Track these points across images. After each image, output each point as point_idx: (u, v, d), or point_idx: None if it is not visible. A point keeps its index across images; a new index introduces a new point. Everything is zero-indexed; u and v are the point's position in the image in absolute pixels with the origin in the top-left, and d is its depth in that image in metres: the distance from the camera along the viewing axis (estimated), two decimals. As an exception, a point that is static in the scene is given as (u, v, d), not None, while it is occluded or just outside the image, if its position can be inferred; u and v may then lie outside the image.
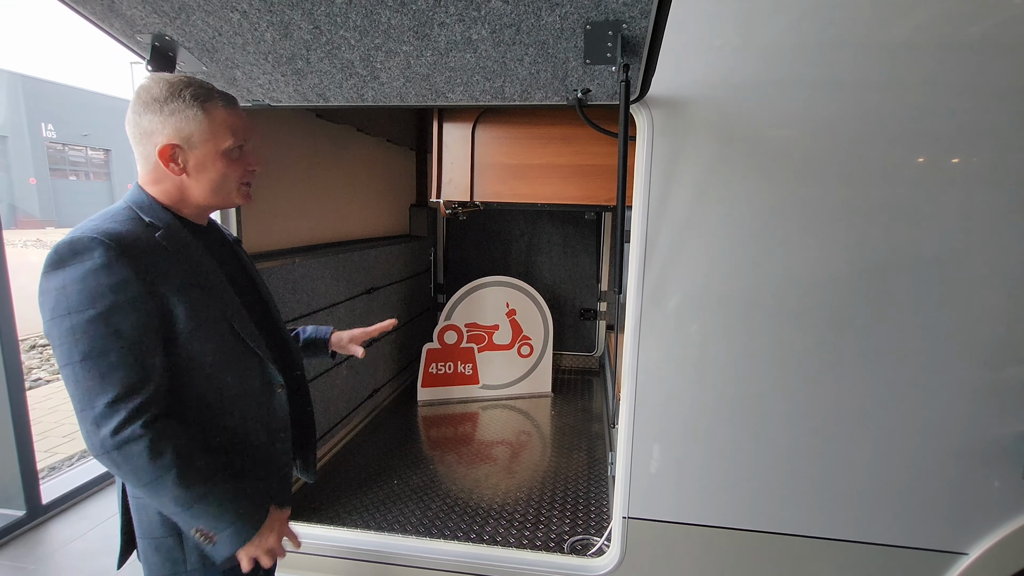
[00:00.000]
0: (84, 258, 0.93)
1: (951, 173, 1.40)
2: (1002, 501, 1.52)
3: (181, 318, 1.02)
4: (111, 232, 0.96)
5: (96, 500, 2.93)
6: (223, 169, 1.09)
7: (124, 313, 0.95)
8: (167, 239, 1.04)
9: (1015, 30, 1.32)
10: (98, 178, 27.43)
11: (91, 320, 0.93)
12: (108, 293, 0.94)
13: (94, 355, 0.93)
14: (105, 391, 0.93)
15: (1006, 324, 1.44)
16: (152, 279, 0.99)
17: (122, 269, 0.95)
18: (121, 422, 0.93)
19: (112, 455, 0.94)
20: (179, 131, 1.04)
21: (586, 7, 1.11)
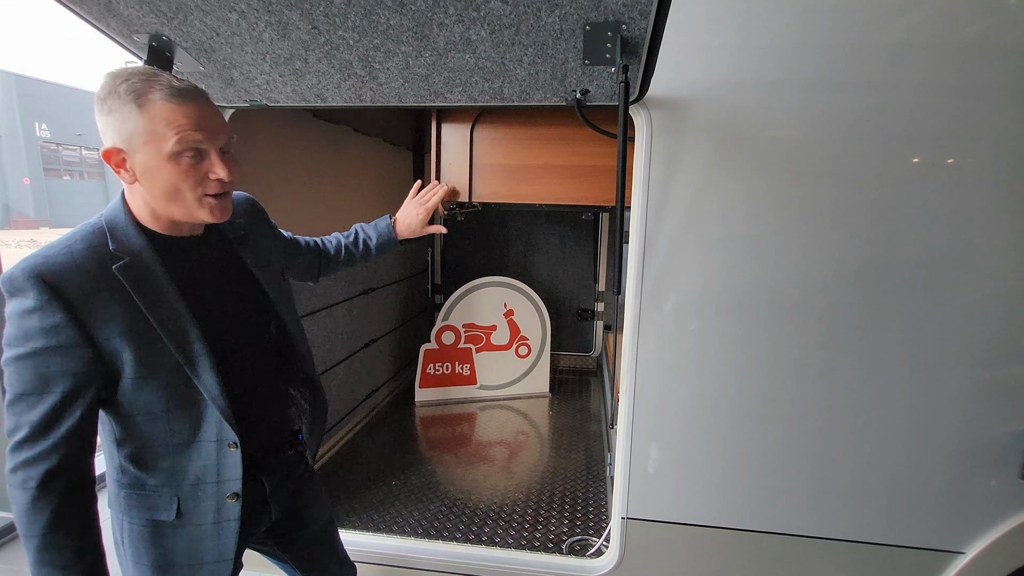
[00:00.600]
0: (21, 297, 0.89)
1: (947, 174, 1.41)
2: (999, 500, 1.53)
3: (127, 364, 0.95)
4: (53, 269, 0.90)
5: (92, 502, 2.91)
6: (171, 176, 0.94)
7: (52, 357, 0.90)
8: (125, 272, 0.95)
9: (1011, 32, 1.33)
10: (93, 178, 27.30)
11: (20, 358, 0.90)
12: (38, 336, 0.89)
13: (17, 393, 0.91)
14: (18, 430, 0.90)
15: (1003, 324, 1.45)
16: (92, 324, 0.91)
17: (55, 313, 0.88)
18: (19, 464, 0.91)
19: (9, 491, 0.92)
20: (119, 132, 0.93)
21: (585, 8, 1.11)
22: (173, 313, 0.99)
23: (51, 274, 0.89)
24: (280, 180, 2.39)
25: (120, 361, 0.95)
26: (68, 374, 0.91)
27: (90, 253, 0.94)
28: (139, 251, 0.97)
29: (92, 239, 0.96)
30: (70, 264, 0.91)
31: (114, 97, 0.91)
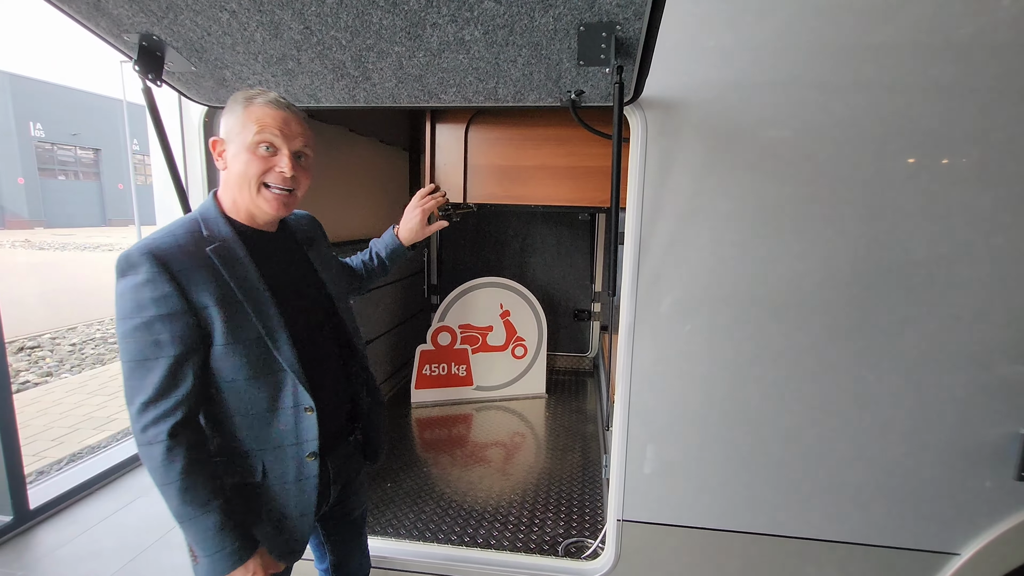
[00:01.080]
0: (133, 272, 1.03)
1: (940, 174, 1.41)
2: (994, 501, 1.53)
3: (218, 332, 1.08)
4: (161, 248, 1.05)
5: (85, 505, 2.89)
6: (246, 163, 1.12)
7: (164, 324, 1.03)
8: (216, 253, 1.11)
9: (1003, 32, 1.33)
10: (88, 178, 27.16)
11: (137, 328, 1.03)
12: (151, 305, 1.03)
13: (136, 359, 1.03)
14: (142, 392, 1.03)
15: (998, 325, 1.45)
16: (193, 295, 1.06)
17: (164, 284, 1.03)
18: (148, 423, 1.03)
19: (141, 449, 1.04)
20: (225, 125, 1.14)
21: (580, 8, 1.10)
22: (255, 290, 1.13)
23: (159, 252, 1.04)
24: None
25: (213, 329, 1.08)
26: (178, 339, 1.04)
27: (189, 238, 1.10)
28: (226, 237, 1.14)
29: (189, 227, 1.12)
30: (174, 245, 1.07)
31: (233, 101, 1.14)
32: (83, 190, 26.96)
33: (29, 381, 5.26)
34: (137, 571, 2.38)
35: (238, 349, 1.11)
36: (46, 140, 24.02)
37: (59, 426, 4.14)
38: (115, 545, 2.55)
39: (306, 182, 1.21)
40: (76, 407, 4.54)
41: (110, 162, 27.25)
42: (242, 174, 1.13)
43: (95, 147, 26.68)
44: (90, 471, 3.12)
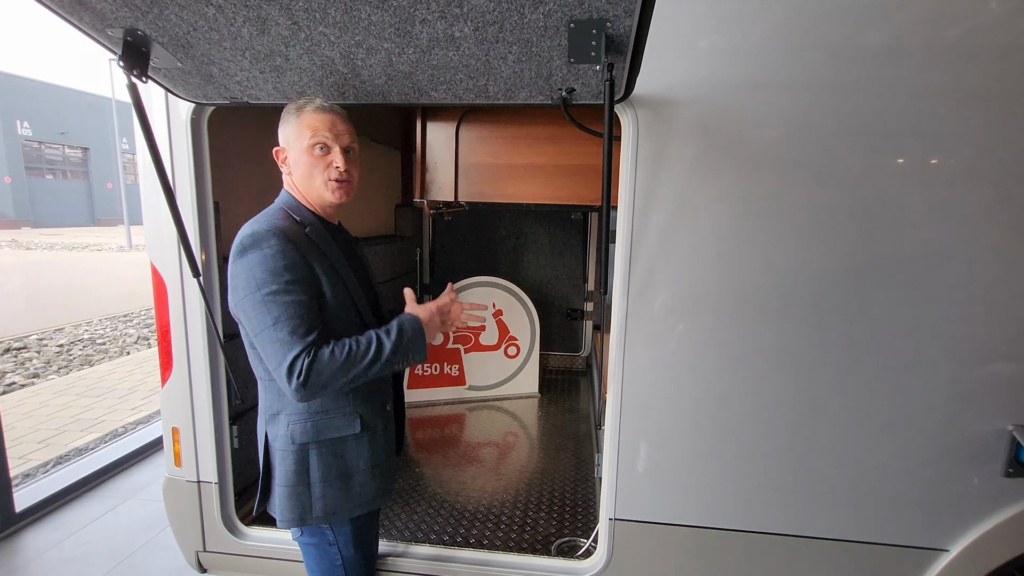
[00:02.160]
0: (264, 246, 1.19)
1: (929, 174, 1.42)
2: (982, 498, 1.54)
3: (328, 294, 1.27)
4: (279, 226, 1.22)
5: (72, 508, 2.86)
6: (307, 164, 1.31)
7: (298, 286, 1.20)
8: (313, 234, 1.30)
9: (991, 35, 1.34)
10: (76, 177, 26.86)
11: (274, 292, 1.17)
12: (284, 272, 1.19)
13: (282, 319, 1.17)
14: (295, 343, 1.16)
15: (984, 323, 1.46)
16: (310, 261, 1.24)
17: (292, 253, 1.20)
18: (308, 361, 1.16)
19: (311, 385, 1.16)
20: (284, 135, 1.34)
21: (570, 5, 1.10)
22: (342, 264, 1.33)
23: (280, 228, 1.22)
24: (264, 179, 2.35)
25: (323, 291, 1.26)
26: (308, 295, 1.21)
27: (289, 222, 1.28)
28: (313, 221, 1.33)
29: (283, 215, 1.29)
30: (286, 225, 1.25)
31: (287, 112, 1.33)
32: (71, 189, 26.65)
33: (15, 383, 5.19)
34: (124, 575, 2.35)
35: (339, 309, 1.28)
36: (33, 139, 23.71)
37: (46, 428, 4.09)
38: (102, 549, 2.51)
39: (356, 171, 1.38)
40: (63, 409, 4.49)
41: (99, 161, 26.96)
42: (306, 174, 1.32)
43: (83, 146, 26.39)
44: (77, 474, 3.08)
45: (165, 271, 1.79)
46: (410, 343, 1.30)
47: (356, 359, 1.21)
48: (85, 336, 6.97)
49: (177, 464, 1.89)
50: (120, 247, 17.94)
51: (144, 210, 1.79)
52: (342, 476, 1.35)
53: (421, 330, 1.33)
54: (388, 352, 1.25)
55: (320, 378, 1.18)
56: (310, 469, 1.33)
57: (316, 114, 1.31)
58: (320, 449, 1.33)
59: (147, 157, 1.52)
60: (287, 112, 1.33)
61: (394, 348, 1.26)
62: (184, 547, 1.95)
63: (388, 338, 1.26)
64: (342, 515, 1.36)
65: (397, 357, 1.27)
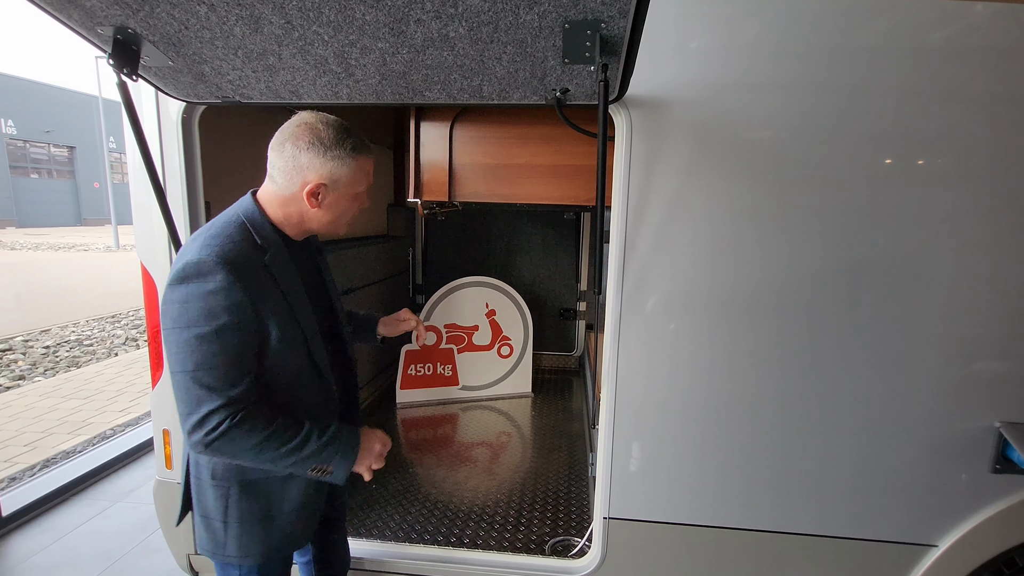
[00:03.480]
0: (207, 279, 1.04)
1: (918, 175, 1.44)
2: (970, 494, 1.56)
3: (273, 337, 1.13)
4: (230, 256, 1.07)
5: (60, 512, 2.82)
6: (349, 207, 1.23)
7: (234, 331, 1.06)
8: (273, 263, 1.15)
9: (976, 37, 1.36)
10: (62, 176, 26.49)
11: (207, 335, 1.04)
12: (223, 313, 1.05)
13: (205, 366, 1.04)
14: (212, 397, 1.05)
15: (973, 322, 1.48)
16: (258, 303, 1.10)
17: (237, 293, 1.06)
18: (221, 420, 1.05)
19: (215, 447, 1.06)
20: (332, 175, 1.17)
21: (564, 6, 1.10)
22: (300, 297, 1.20)
23: (231, 260, 1.06)
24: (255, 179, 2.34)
25: (269, 333, 1.13)
26: (247, 343, 1.09)
27: (248, 245, 1.13)
28: (276, 244, 1.18)
29: (243, 233, 1.14)
30: (239, 253, 1.09)
31: (341, 148, 1.16)
32: (57, 189, 26.28)
33: (0, 385, 5.11)
34: (114, 578, 2.32)
35: (286, 351, 1.16)
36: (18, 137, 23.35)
37: (32, 431, 4.03)
38: (91, 552, 2.48)
39: None
40: (50, 411, 4.42)
41: (85, 160, 26.60)
42: (341, 215, 1.23)
43: (69, 144, 26.03)
44: (65, 477, 3.04)
45: (156, 272, 1.78)
46: (337, 455, 1.17)
47: (273, 445, 1.10)
48: (72, 337, 6.87)
49: (168, 466, 1.87)
50: (107, 247, 17.72)
51: (134, 210, 1.78)
52: (263, 519, 1.25)
53: (356, 448, 1.20)
54: (310, 452, 1.13)
55: (228, 447, 1.07)
56: (228, 507, 1.22)
57: (370, 160, 1.22)
58: (242, 489, 1.22)
59: (137, 157, 1.50)
60: (336, 146, 1.15)
61: (315, 454, 1.14)
62: (175, 550, 1.93)
63: (316, 441, 1.14)
64: (256, 558, 1.26)
65: (312, 464, 1.15)
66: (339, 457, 1.17)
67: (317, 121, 1.17)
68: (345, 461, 1.19)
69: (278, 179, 1.18)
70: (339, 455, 1.17)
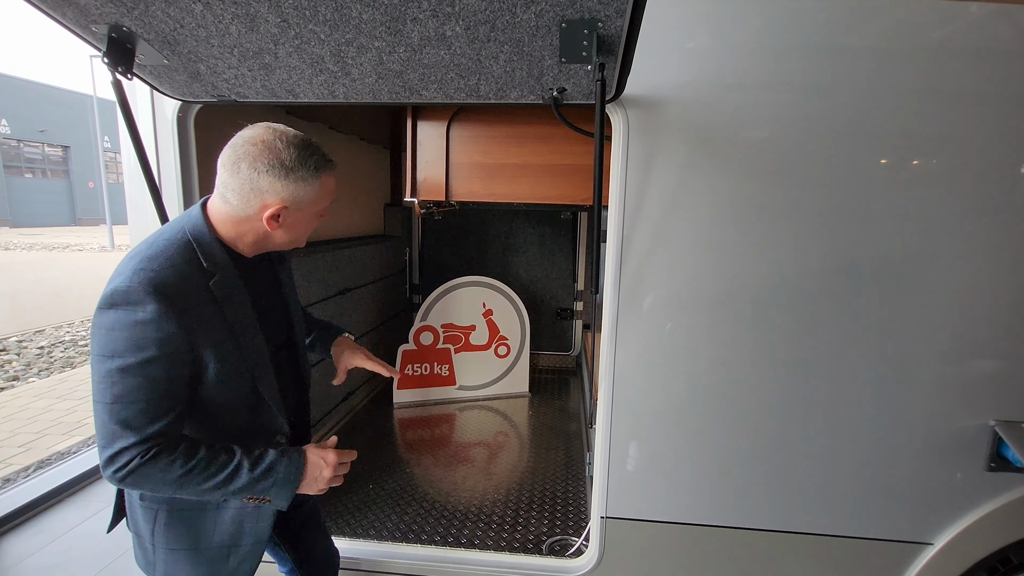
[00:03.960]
0: (136, 308, 0.96)
1: (914, 175, 1.44)
2: (966, 492, 1.57)
3: (211, 368, 1.06)
4: (166, 284, 0.99)
5: (54, 513, 2.80)
6: (311, 224, 1.17)
7: (162, 364, 0.98)
8: (218, 287, 1.07)
9: (969, 38, 1.37)
10: (56, 176, 26.35)
11: (130, 367, 0.96)
12: (151, 346, 0.97)
13: (124, 400, 0.97)
14: (126, 434, 0.97)
15: (968, 321, 1.49)
16: (194, 334, 1.02)
17: (168, 325, 0.98)
18: (131, 458, 0.98)
19: (129, 483, 1.00)
20: (294, 196, 1.08)
21: (561, 5, 1.10)
22: (249, 324, 1.13)
23: (165, 287, 0.98)
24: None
25: (207, 366, 1.05)
26: (175, 378, 1.01)
27: (190, 269, 1.04)
28: (224, 267, 1.10)
29: (187, 254, 1.05)
30: (177, 279, 1.01)
31: (304, 169, 1.07)
32: (51, 188, 26.13)
33: (-6, 386, 5.08)
34: (110, 580, 2.31)
35: (225, 384, 1.09)
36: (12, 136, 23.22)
37: (26, 432, 4.00)
38: (85, 554, 2.47)
39: None
40: (44, 412, 4.40)
41: (80, 160, 26.46)
42: (301, 234, 1.17)
43: (64, 144, 25.89)
44: (59, 478, 3.02)
45: (151, 271, 1.76)
46: (274, 486, 1.09)
47: (194, 480, 1.02)
48: (67, 338, 6.84)
49: (164, 467, 1.86)
50: (102, 247, 17.63)
51: (129, 210, 1.77)
52: (189, 548, 1.17)
53: (297, 477, 1.12)
54: (240, 486, 1.06)
55: (143, 482, 1.00)
56: (155, 530, 1.16)
57: (333, 177, 1.15)
58: (169, 514, 1.15)
59: (132, 156, 1.49)
60: (299, 167, 1.06)
61: (249, 485, 1.06)
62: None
63: (247, 473, 1.06)
64: None
65: (245, 495, 1.08)
66: (276, 488, 1.10)
67: (276, 139, 1.05)
68: (283, 491, 1.11)
69: (232, 200, 1.06)
70: (275, 487, 1.10)
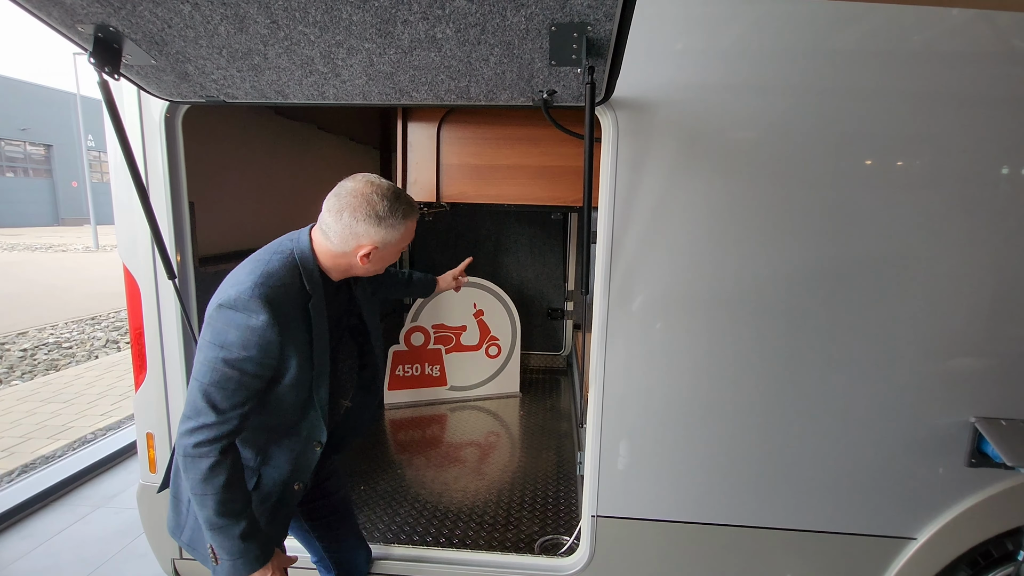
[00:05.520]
0: (251, 316, 1.15)
1: (897, 176, 1.47)
2: (948, 487, 1.60)
3: (286, 375, 1.23)
4: (277, 300, 1.17)
5: (40, 517, 2.76)
6: (394, 259, 1.33)
7: (255, 364, 1.16)
8: (314, 308, 1.26)
9: (952, 41, 1.40)
10: (39, 175, 25.92)
11: (232, 360, 1.14)
12: (253, 347, 1.15)
13: (218, 385, 1.14)
14: (207, 413, 1.14)
15: (949, 320, 1.52)
16: (286, 345, 1.20)
17: (271, 333, 1.16)
18: (204, 440, 1.13)
19: (185, 459, 1.15)
20: (384, 239, 1.25)
21: (551, 8, 1.11)
22: (324, 342, 1.30)
23: (275, 303, 1.17)
24: (241, 179, 2.31)
25: (286, 371, 1.23)
26: (259, 376, 1.18)
27: (295, 289, 1.23)
28: (318, 287, 1.28)
29: (294, 276, 1.24)
30: (285, 298, 1.20)
31: (394, 218, 1.24)
32: (33, 188, 25.69)
33: (-24, 389, 4.98)
34: (97, 585, 2.29)
35: (292, 388, 1.25)
36: (-8, 135, 22.80)
37: (10, 436, 3.94)
38: (73, 558, 2.44)
39: None
40: (28, 415, 4.33)
41: (63, 159, 26.04)
42: (382, 268, 1.33)
43: (46, 143, 25.46)
44: (45, 482, 2.98)
45: (139, 273, 1.75)
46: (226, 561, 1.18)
47: (215, 497, 1.14)
48: (50, 340, 6.73)
49: (152, 470, 1.85)
50: (86, 248, 17.37)
51: (116, 210, 1.75)
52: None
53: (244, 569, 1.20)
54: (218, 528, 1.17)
55: (193, 466, 1.14)
56: (191, 509, 1.30)
57: (415, 218, 1.30)
58: None
59: (119, 156, 1.48)
60: (390, 216, 1.23)
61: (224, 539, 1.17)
62: (160, 555, 1.91)
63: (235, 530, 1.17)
64: (201, 555, 1.30)
65: (212, 541, 1.19)
66: (229, 561, 1.18)
67: (372, 192, 1.23)
68: (233, 568, 1.19)
69: (334, 240, 1.25)
70: (231, 558, 1.18)
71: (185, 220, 1.76)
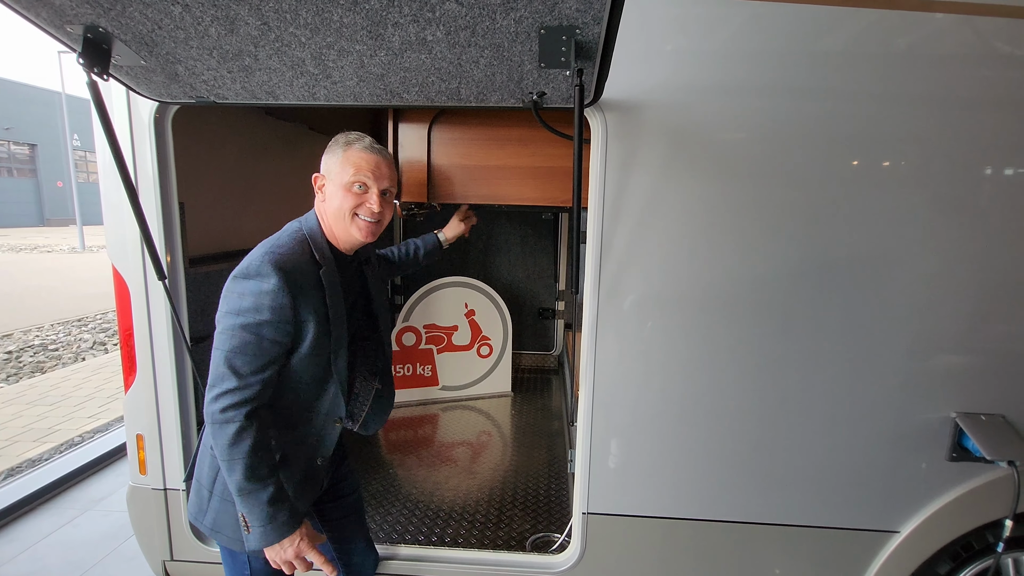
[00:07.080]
0: (262, 280, 1.20)
1: (882, 177, 1.50)
2: (929, 482, 1.64)
3: (304, 343, 1.27)
4: (288, 264, 1.22)
5: (26, 521, 2.74)
6: (342, 200, 1.31)
7: (271, 327, 1.20)
8: (326, 276, 1.30)
9: (937, 44, 1.43)
10: (23, 174, 25.54)
11: (247, 325, 1.19)
12: (267, 311, 1.19)
13: (237, 351, 1.18)
14: (230, 379, 1.18)
15: (931, 318, 1.55)
16: (302, 310, 1.24)
17: (283, 297, 1.20)
18: (229, 405, 1.17)
19: (213, 426, 1.18)
20: (327, 164, 1.33)
21: (540, 12, 1.12)
22: (340, 310, 1.34)
23: (285, 268, 1.21)
24: (232, 179, 2.31)
25: (303, 339, 1.27)
26: (278, 341, 1.22)
27: (306, 259, 1.28)
28: (329, 260, 1.33)
29: (304, 246, 1.30)
30: (296, 264, 1.24)
31: (334, 143, 1.33)
32: (17, 188, 25.31)
33: (-40, 392, 4.91)
34: (86, 588, 2.27)
35: (309, 359, 1.29)
36: (-25, 134, 22.43)
37: (-4, 439, 3.89)
38: (60, 562, 2.42)
39: (390, 213, 1.39)
40: (14, 418, 4.28)
41: (48, 158, 25.68)
42: (338, 208, 1.31)
43: (31, 142, 25.09)
44: (31, 486, 2.95)
45: (128, 274, 1.74)
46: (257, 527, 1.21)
47: (243, 462, 1.17)
48: (36, 342, 6.64)
49: (142, 472, 1.84)
50: (73, 248, 17.14)
51: (105, 211, 1.74)
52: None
53: (273, 537, 1.21)
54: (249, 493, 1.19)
55: (221, 432, 1.17)
56: (215, 480, 1.33)
57: (363, 153, 1.31)
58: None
59: (108, 157, 1.47)
60: (335, 143, 1.33)
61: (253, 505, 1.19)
62: (150, 557, 1.90)
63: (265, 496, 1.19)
64: (226, 537, 1.33)
65: (242, 509, 1.21)
66: (259, 527, 1.21)
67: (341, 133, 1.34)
68: (263, 537, 1.21)
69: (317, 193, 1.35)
70: (264, 528, 1.20)
71: (175, 221, 1.75)
